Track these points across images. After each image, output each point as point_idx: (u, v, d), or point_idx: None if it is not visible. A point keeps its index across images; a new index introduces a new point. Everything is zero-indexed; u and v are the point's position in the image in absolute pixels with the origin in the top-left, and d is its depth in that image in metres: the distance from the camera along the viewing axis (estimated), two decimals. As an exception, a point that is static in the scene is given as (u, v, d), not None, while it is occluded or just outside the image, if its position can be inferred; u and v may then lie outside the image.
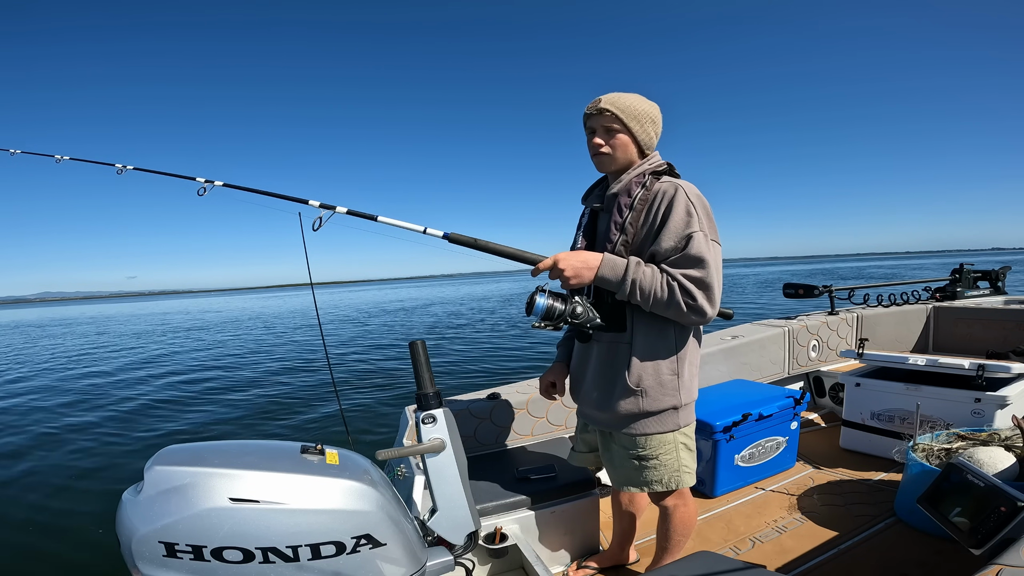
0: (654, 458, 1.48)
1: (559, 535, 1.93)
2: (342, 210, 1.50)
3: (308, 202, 1.53)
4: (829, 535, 2.05)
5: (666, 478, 1.50)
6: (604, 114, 1.42)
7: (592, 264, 1.35)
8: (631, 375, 1.42)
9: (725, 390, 2.73)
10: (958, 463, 1.46)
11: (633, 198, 1.41)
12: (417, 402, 1.32)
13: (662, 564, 1.71)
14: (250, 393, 8.03)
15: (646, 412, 1.44)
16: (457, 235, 1.44)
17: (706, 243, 1.32)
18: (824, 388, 3.42)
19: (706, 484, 2.42)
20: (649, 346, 1.41)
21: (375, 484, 1.08)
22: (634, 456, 1.50)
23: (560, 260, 1.34)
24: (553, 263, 1.35)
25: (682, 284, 1.29)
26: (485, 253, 1.46)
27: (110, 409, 7.41)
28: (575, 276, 1.34)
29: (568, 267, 1.34)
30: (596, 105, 1.42)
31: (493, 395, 2.33)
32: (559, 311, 1.35)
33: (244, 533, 0.94)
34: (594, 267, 1.35)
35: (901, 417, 2.62)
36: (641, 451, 1.49)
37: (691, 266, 1.30)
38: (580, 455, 1.77)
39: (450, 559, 1.26)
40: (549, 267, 1.36)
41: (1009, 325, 3.46)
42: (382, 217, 1.50)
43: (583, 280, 1.35)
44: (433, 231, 1.45)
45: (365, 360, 10.61)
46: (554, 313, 1.35)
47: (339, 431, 5.74)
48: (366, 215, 1.52)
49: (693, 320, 1.33)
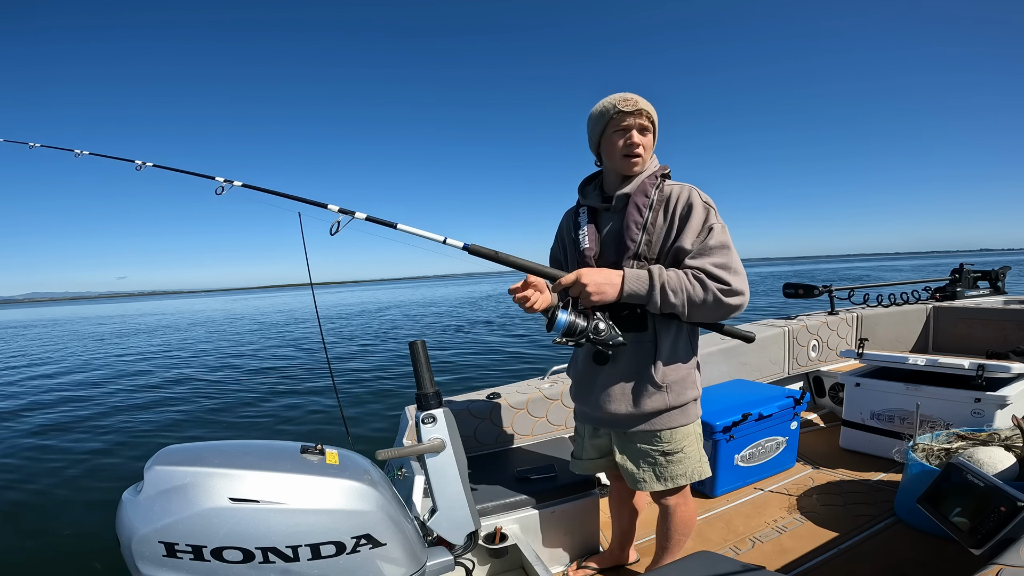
0: (679, 451, 1.51)
1: (559, 535, 1.93)
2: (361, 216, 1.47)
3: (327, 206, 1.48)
4: (829, 535, 2.05)
5: (690, 470, 1.53)
6: (642, 114, 1.40)
7: (615, 281, 1.32)
8: (657, 372, 1.43)
9: (725, 390, 2.73)
10: (958, 463, 1.46)
11: (651, 198, 1.42)
12: (417, 402, 1.32)
13: (662, 564, 1.71)
14: (249, 393, 8.03)
15: (671, 406, 1.47)
16: (477, 247, 1.41)
17: (725, 233, 1.37)
18: (824, 388, 3.42)
19: (706, 484, 2.42)
20: (670, 342, 1.45)
21: (375, 484, 1.08)
22: (660, 452, 1.51)
23: (583, 276, 1.31)
24: (575, 279, 1.32)
25: (710, 272, 1.31)
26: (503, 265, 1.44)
27: (110, 409, 7.40)
28: (597, 293, 1.31)
29: (591, 283, 1.30)
30: (636, 104, 1.38)
31: (493, 395, 2.33)
32: (581, 328, 1.31)
33: (244, 533, 0.94)
34: (617, 283, 1.32)
35: (901, 417, 2.63)
36: (667, 446, 1.51)
37: (715, 254, 1.33)
38: (587, 462, 1.70)
39: (450, 559, 1.26)
40: (571, 283, 1.32)
41: (1009, 325, 3.46)
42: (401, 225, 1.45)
43: (605, 298, 1.32)
44: (453, 242, 1.42)
45: (365, 360, 10.60)
46: (576, 329, 1.31)
47: (339, 431, 5.74)
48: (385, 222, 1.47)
49: (734, 306, 1.32)
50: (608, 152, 1.46)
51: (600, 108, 1.44)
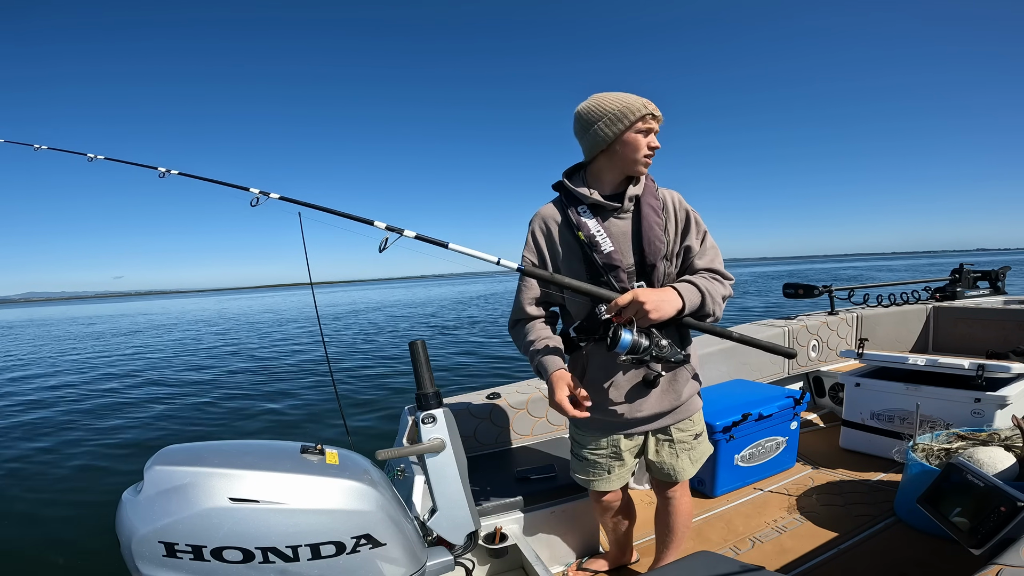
0: (703, 431, 1.64)
1: (559, 535, 1.93)
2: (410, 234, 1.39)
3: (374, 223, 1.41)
4: (829, 535, 2.05)
5: (707, 448, 1.65)
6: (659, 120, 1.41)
7: (670, 297, 1.31)
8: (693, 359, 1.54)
9: (725, 390, 2.73)
10: (958, 463, 1.46)
11: (661, 201, 1.47)
12: (417, 402, 1.32)
13: (668, 558, 1.73)
14: (249, 393, 8.03)
15: (697, 389, 1.59)
16: (531, 269, 1.40)
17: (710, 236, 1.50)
18: (824, 388, 3.42)
19: (706, 484, 2.42)
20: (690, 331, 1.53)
21: (375, 484, 1.08)
22: (693, 435, 1.59)
23: (640, 295, 1.28)
24: (632, 299, 1.28)
25: (718, 271, 1.45)
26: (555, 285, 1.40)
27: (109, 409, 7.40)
28: (656, 311, 1.28)
29: (649, 301, 1.27)
30: (657, 109, 1.39)
31: (493, 395, 2.33)
32: (644, 346, 1.29)
33: (244, 533, 0.94)
34: (672, 299, 1.31)
35: (901, 417, 2.63)
36: (696, 428, 1.60)
37: (715, 254, 1.47)
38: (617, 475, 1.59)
39: (450, 559, 1.26)
40: (628, 303, 1.28)
41: (1009, 325, 3.46)
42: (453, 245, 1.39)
43: (663, 315, 1.30)
44: (507, 263, 1.38)
45: (365, 360, 10.60)
46: (639, 348, 1.29)
47: (339, 431, 5.74)
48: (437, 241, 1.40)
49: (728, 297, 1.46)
50: (625, 151, 1.41)
51: (623, 105, 1.38)
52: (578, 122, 1.45)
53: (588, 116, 1.42)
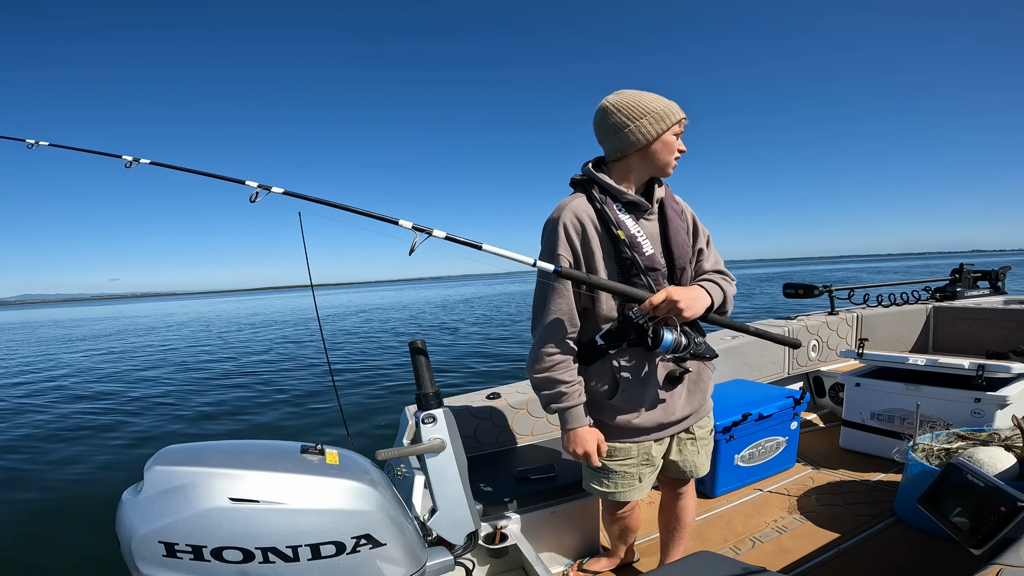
0: (712, 426, 1.66)
1: (559, 535, 1.93)
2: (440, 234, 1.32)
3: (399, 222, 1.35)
4: (829, 535, 2.05)
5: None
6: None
7: (698, 295, 1.33)
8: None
9: (725, 390, 2.73)
10: (958, 463, 1.46)
11: (679, 205, 1.50)
12: (417, 402, 1.32)
13: (675, 554, 1.74)
14: (249, 393, 8.03)
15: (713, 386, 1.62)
16: (568, 271, 1.33)
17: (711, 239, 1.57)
18: (824, 388, 3.42)
19: (706, 484, 2.42)
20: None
21: (375, 484, 1.08)
22: (708, 431, 1.61)
23: (673, 294, 1.26)
24: (666, 297, 1.26)
25: (724, 271, 1.51)
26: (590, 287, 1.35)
27: (108, 409, 7.40)
28: (689, 309, 1.28)
29: (683, 299, 1.26)
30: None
31: (493, 395, 2.33)
32: (683, 344, 1.31)
33: (244, 533, 0.94)
34: (702, 297, 1.33)
35: (901, 417, 2.63)
36: (711, 423, 1.63)
37: (717, 257, 1.55)
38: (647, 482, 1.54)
39: (450, 559, 1.26)
40: (661, 302, 1.26)
41: (1009, 325, 3.46)
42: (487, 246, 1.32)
43: (695, 313, 1.31)
44: (543, 265, 1.33)
45: (365, 360, 10.60)
46: (680, 346, 1.30)
47: (339, 431, 5.74)
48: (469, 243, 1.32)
49: None
50: (663, 151, 1.36)
51: (665, 104, 1.34)
52: (609, 118, 1.35)
53: (627, 113, 1.33)
